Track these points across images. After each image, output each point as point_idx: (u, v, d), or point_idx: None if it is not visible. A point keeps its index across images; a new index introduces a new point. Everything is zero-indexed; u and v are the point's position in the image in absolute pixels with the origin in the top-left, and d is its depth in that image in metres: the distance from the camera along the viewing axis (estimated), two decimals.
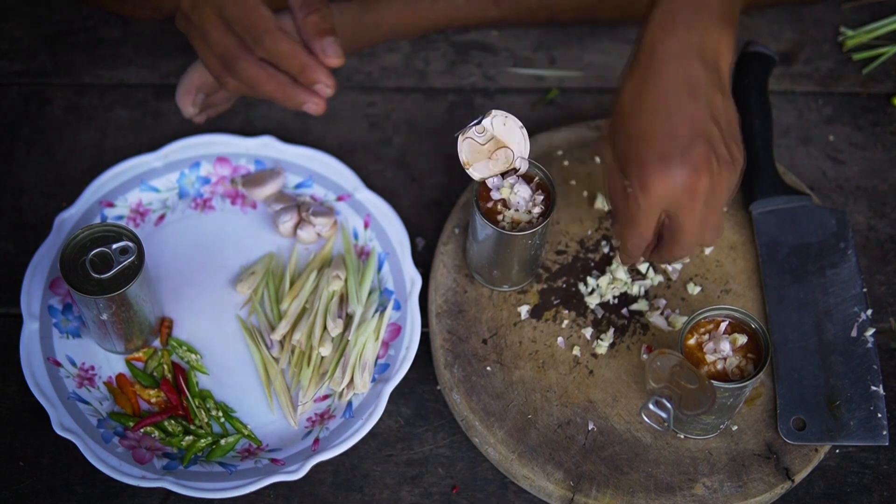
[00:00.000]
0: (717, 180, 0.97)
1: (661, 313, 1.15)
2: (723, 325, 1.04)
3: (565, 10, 1.34)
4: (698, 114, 0.95)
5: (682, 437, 1.08)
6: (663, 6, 0.96)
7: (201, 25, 0.92)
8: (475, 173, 1.07)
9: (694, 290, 1.16)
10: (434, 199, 1.27)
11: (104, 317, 1.06)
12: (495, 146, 1.06)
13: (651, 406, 0.99)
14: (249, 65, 0.92)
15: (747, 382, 1.00)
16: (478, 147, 1.06)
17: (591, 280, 1.17)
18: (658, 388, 0.99)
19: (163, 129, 1.32)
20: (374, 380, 1.12)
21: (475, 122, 1.04)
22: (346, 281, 1.17)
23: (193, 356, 1.14)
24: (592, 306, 1.15)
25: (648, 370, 0.99)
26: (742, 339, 1.03)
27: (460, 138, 1.05)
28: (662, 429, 1.00)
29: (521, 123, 1.06)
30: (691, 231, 1.00)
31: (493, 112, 1.04)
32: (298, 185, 1.24)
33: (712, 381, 0.98)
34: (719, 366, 1.02)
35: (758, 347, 1.03)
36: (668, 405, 0.99)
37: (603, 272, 1.17)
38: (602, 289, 1.16)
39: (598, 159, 1.25)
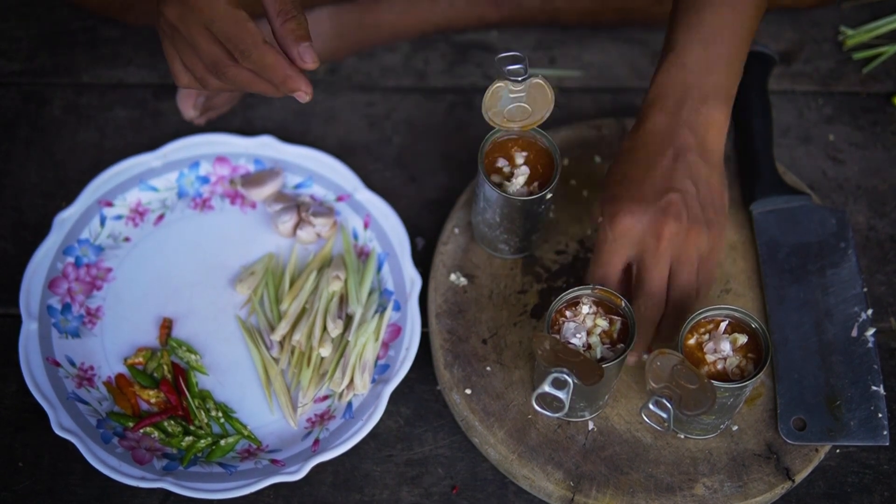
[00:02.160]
0: (688, 234, 1.04)
1: None
2: (723, 325, 1.04)
3: (565, 14, 1.34)
4: (678, 172, 1.05)
5: (682, 437, 1.08)
6: (659, 82, 1.07)
7: (190, 36, 0.97)
8: (493, 118, 1.08)
9: None
10: (434, 199, 1.27)
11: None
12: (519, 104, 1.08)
13: (651, 406, 0.99)
14: (239, 70, 0.98)
15: (747, 382, 1.00)
16: (504, 97, 1.07)
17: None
18: (658, 388, 0.99)
19: (162, 128, 1.32)
20: (374, 380, 1.12)
21: (521, 77, 1.05)
22: (345, 281, 1.16)
23: (193, 356, 1.13)
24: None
25: (648, 370, 0.99)
26: (742, 339, 1.03)
27: (493, 86, 1.05)
28: (662, 429, 1.00)
29: (551, 87, 1.07)
30: (655, 276, 1.05)
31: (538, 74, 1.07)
32: (298, 185, 1.24)
33: (712, 381, 0.98)
34: (719, 366, 1.02)
35: (758, 347, 1.03)
36: (669, 405, 0.98)
37: None
38: None
39: (598, 159, 1.25)
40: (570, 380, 0.98)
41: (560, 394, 0.97)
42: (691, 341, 1.04)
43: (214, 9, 0.96)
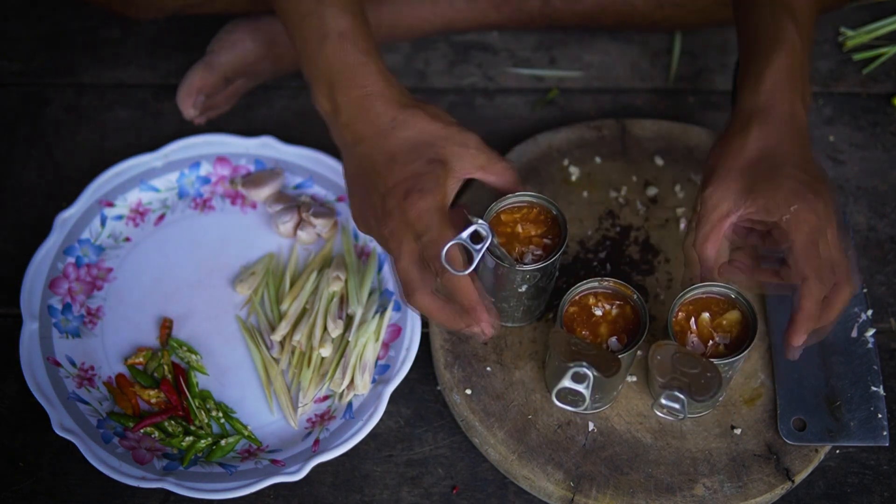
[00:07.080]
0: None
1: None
2: (694, 319, 1.03)
3: (565, 17, 1.33)
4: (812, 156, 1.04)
5: (683, 417, 1.07)
6: (774, 73, 1.04)
7: (398, 251, 1.00)
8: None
9: None
10: None
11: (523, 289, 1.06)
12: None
13: (663, 401, 0.98)
14: (424, 296, 1.00)
15: (742, 354, 1.00)
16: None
17: None
18: (666, 382, 0.98)
19: (162, 129, 1.32)
20: (374, 381, 1.12)
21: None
22: (346, 282, 1.16)
23: (193, 356, 1.14)
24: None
25: (652, 366, 0.99)
26: (734, 316, 1.03)
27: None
28: (677, 419, 1.00)
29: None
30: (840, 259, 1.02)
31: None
32: (298, 186, 1.24)
33: (712, 360, 0.98)
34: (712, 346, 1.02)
35: (744, 317, 1.03)
36: (682, 396, 0.98)
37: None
38: None
39: (598, 159, 1.25)
40: (589, 373, 0.98)
41: (580, 387, 0.98)
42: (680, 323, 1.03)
43: (428, 225, 0.98)
